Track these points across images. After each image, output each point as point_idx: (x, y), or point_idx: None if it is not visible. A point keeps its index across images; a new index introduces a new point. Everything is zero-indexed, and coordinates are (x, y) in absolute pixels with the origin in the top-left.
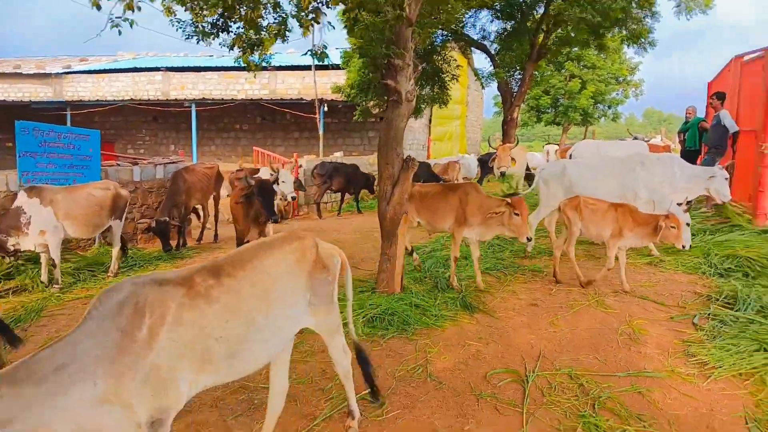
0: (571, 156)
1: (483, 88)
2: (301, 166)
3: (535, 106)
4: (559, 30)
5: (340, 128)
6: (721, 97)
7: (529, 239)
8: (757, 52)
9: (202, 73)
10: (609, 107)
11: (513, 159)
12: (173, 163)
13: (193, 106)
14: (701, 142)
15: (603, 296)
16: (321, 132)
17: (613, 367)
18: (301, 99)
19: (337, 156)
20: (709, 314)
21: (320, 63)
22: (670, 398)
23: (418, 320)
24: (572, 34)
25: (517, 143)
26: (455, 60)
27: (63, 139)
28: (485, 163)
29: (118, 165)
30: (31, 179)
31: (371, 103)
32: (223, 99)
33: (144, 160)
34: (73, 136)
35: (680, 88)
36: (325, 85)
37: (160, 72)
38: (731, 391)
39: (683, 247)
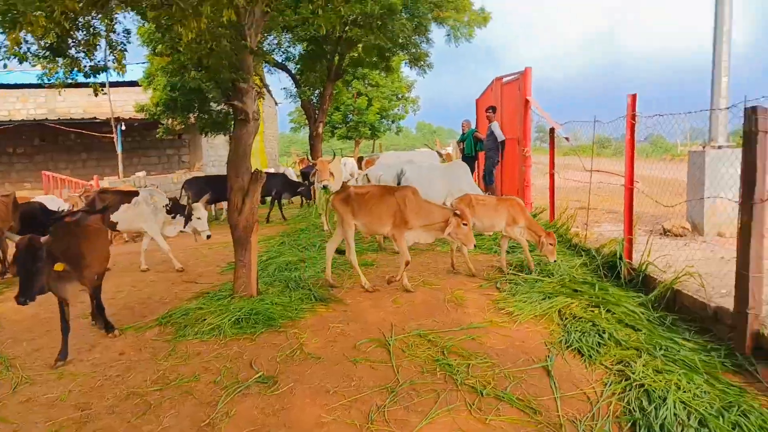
0: (374, 167)
1: (276, 104)
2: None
3: (329, 122)
4: (352, 53)
5: (135, 147)
6: (494, 110)
7: (475, 246)
8: (513, 75)
9: None
10: (393, 122)
11: (332, 173)
12: None
13: None
14: (476, 149)
15: (427, 277)
16: (119, 151)
17: (449, 326)
18: (95, 118)
19: (140, 176)
20: (506, 280)
21: (118, 81)
22: (493, 339)
23: (282, 315)
24: (364, 57)
25: (334, 156)
26: (258, 77)
27: None
28: (307, 176)
29: None
30: None
31: (175, 121)
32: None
33: None
34: None
35: (449, 102)
36: (115, 103)
37: None
38: (533, 328)
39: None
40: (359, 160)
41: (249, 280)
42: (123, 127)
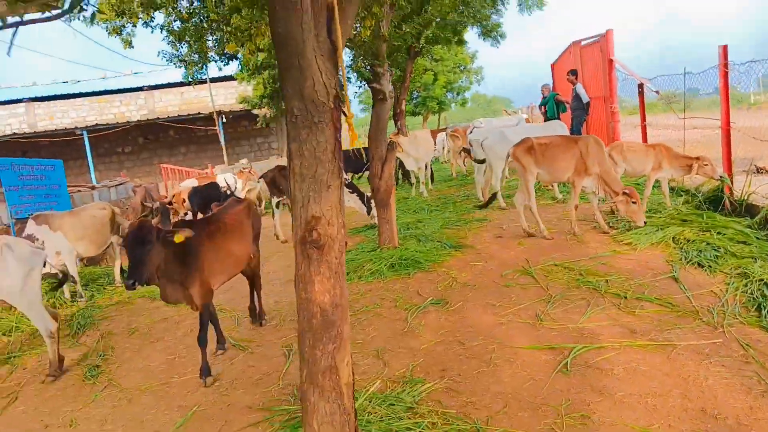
0: (472, 133)
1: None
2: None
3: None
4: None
5: (228, 138)
6: (574, 73)
7: (645, 223)
8: (593, 37)
9: (72, 100)
10: (458, 94)
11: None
12: (122, 184)
13: (85, 133)
14: (559, 111)
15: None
16: (223, 142)
17: (577, 257)
18: (199, 113)
19: (243, 162)
20: (616, 220)
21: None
22: (620, 263)
23: (427, 259)
24: (439, 33)
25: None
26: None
27: (36, 171)
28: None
29: (80, 191)
30: (19, 212)
31: (271, 110)
32: (110, 123)
33: (84, 185)
34: (42, 167)
35: (502, 72)
36: (208, 99)
37: (23, 104)
38: (652, 252)
39: None
40: (439, 131)
41: (392, 233)
42: (224, 120)
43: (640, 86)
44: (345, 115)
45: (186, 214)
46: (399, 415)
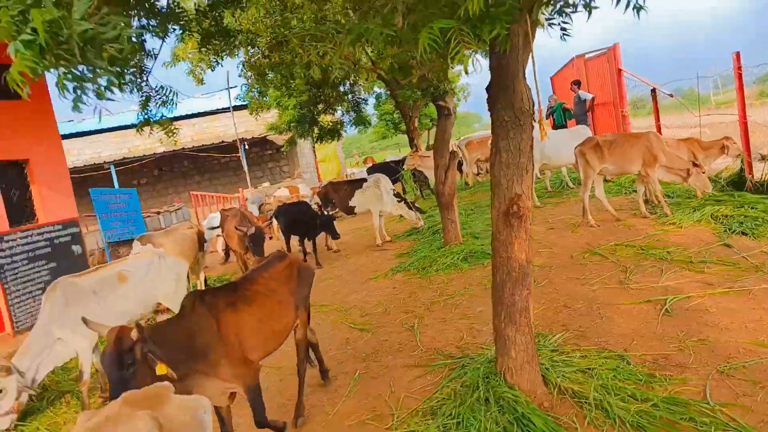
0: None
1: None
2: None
3: (390, 119)
4: None
5: (240, 164)
6: (578, 83)
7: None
8: (598, 51)
9: (89, 137)
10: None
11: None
12: (179, 209)
13: (112, 167)
14: (566, 119)
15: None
16: (246, 167)
17: (631, 238)
18: (222, 142)
19: (266, 185)
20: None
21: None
22: (673, 239)
23: None
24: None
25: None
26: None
27: (119, 200)
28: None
29: (149, 216)
30: (111, 237)
31: (296, 134)
32: (128, 157)
33: (149, 212)
34: (123, 195)
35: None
36: (228, 128)
37: None
38: (697, 228)
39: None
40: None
41: (456, 232)
42: (246, 147)
43: (653, 91)
44: (535, 121)
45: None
46: (549, 353)
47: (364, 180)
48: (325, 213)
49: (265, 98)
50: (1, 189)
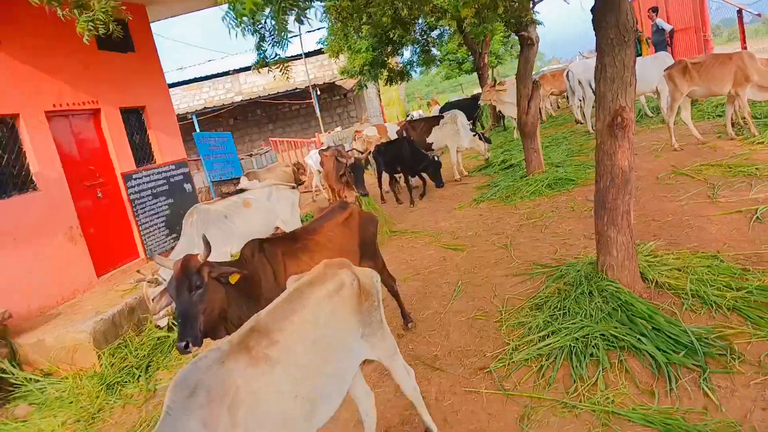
0: (569, 73)
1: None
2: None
3: (455, 59)
4: None
5: (311, 111)
6: (655, 10)
7: None
8: None
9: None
10: (512, 47)
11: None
12: (268, 152)
13: (194, 117)
14: (640, 50)
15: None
16: (318, 113)
17: (718, 158)
18: (296, 89)
19: (338, 130)
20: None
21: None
22: (762, 156)
23: (576, 177)
24: None
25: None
26: None
27: (218, 142)
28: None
29: (242, 159)
30: (213, 176)
31: (365, 78)
32: (207, 107)
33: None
34: (220, 139)
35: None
36: (300, 75)
37: None
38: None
39: None
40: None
41: (539, 161)
42: (318, 93)
43: (739, 12)
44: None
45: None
46: (644, 257)
47: (441, 117)
48: (435, 158)
49: (344, 41)
50: (127, 133)
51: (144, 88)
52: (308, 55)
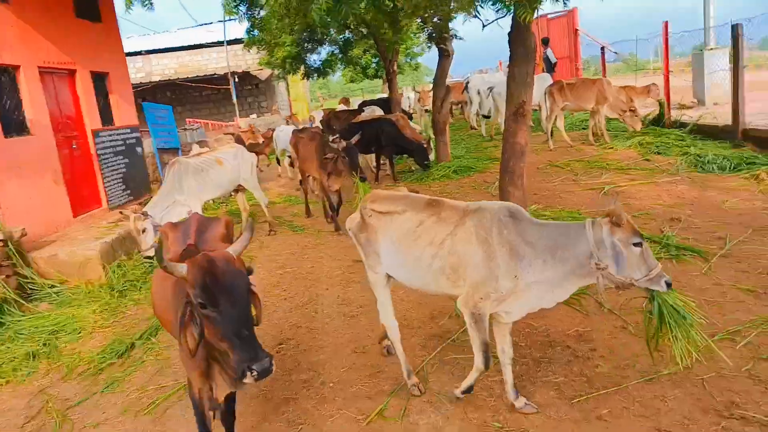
0: (468, 88)
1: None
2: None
3: (359, 64)
4: None
5: (223, 98)
6: (546, 41)
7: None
8: (559, 12)
9: None
10: (411, 58)
11: None
12: (197, 129)
13: None
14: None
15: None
16: (235, 99)
17: (583, 156)
18: (215, 74)
19: (254, 117)
20: (602, 134)
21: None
22: (611, 156)
23: (477, 166)
24: None
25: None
26: None
27: (160, 113)
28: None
29: (184, 129)
30: (158, 144)
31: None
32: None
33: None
34: (163, 111)
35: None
36: (221, 61)
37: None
38: (628, 151)
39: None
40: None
41: (447, 151)
42: (236, 80)
43: (602, 49)
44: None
45: None
46: (532, 212)
47: (362, 110)
48: (422, 143)
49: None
50: (95, 94)
51: (108, 54)
52: (230, 43)
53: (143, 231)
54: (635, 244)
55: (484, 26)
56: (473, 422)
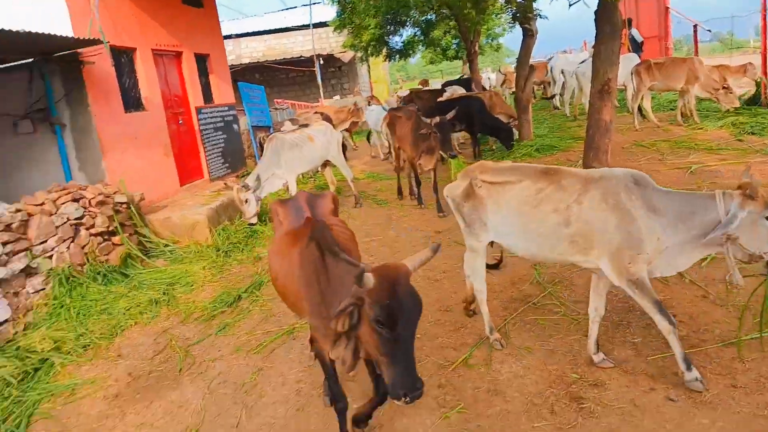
0: (551, 68)
1: None
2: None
3: (440, 45)
4: None
5: (310, 79)
6: (630, 21)
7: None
8: None
9: None
10: (493, 39)
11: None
12: (286, 108)
13: None
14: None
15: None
16: (320, 81)
17: (670, 136)
18: (301, 56)
19: (337, 98)
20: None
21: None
22: (700, 137)
23: (560, 145)
24: None
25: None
26: None
27: (255, 93)
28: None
29: (274, 109)
30: (252, 121)
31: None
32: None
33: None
34: (257, 90)
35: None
36: (307, 44)
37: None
38: (720, 132)
39: None
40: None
41: (530, 130)
42: (321, 62)
43: (695, 27)
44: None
45: None
46: None
47: (444, 90)
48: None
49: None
50: (198, 75)
51: (209, 38)
52: (315, 26)
53: (245, 201)
54: None
55: (570, 5)
56: (553, 373)
